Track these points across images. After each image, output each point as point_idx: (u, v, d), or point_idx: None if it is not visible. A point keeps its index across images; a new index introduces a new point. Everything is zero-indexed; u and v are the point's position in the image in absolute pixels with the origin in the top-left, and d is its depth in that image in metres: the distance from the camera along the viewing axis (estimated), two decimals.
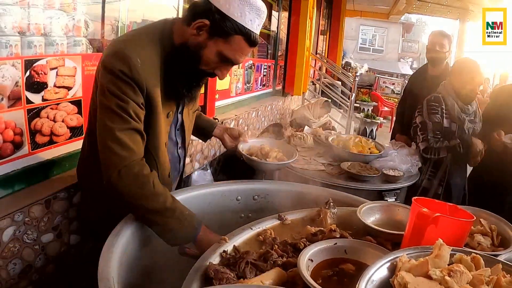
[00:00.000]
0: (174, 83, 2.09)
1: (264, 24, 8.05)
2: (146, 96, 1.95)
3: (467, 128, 3.87)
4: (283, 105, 8.89)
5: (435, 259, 1.18)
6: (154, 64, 2.00)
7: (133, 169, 1.86)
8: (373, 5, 18.90)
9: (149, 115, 2.01)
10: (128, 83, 1.88)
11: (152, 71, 1.97)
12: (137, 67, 1.88)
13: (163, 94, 2.05)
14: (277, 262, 1.48)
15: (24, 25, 2.45)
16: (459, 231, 1.54)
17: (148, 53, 1.99)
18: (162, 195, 1.87)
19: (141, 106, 1.94)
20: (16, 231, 2.32)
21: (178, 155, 2.39)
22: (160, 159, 2.14)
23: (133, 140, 1.90)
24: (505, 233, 1.91)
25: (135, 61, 1.89)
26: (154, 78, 1.98)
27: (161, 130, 2.10)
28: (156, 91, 2.00)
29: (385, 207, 2.05)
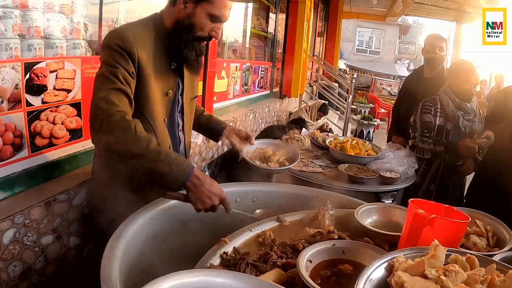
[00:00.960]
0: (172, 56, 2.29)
1: (262, 27, 8.12)
2: (138, 67, 2.11)
3: (463, 125, 3.88)
4: (280, 107, 8.91)
5: (431, 259, 1.20)
6: (147, 43, 2.18)
7: (114, 117, 1.94)
8: (370, 7, 18.90)
9: (143, 87, 2.17)
10: (120, 53, 2.06)
11: (144, 48, 2.15)
12: (130, 40, 2.07)
13: (157, 71, 2.22)
14: (276, 263, 1.50)
15: (24, 28, 2.46)
16: (454, 232, 1.56)
17: (141, 33, 2.18)
18: (145, 139, 1.94)
19: (131, 74, 2.09)
20: (16, 233, 2.33)
21: (178, 136, 2.49)
22: (158, 130, 2.27)
23: (118, 98, 2.01)
24: (500, 234, 1.94)
25: (128, 36, 2.08)
26: (146, 54, 2.15)
27: (156, 103, 2.24)
28: (149, 65, 2.16)
29: (382, 208, 2.07)
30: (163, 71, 2.27)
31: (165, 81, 2.29)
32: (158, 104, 2.26)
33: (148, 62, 2.16)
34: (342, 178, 3.26)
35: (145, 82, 2.17)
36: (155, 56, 2.21)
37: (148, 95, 2.19)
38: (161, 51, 2.25)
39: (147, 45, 2.18)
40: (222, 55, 6.18)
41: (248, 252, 1.54)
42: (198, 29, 2.21)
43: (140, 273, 1.71)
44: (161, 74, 2.26)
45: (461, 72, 3.91)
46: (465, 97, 3.91)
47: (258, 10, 8.25)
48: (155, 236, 1.90)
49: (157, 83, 2.24)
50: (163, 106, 2.30)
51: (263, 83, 8.23)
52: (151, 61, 2.19)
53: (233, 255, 1.57)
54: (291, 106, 9.87)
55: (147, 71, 2.16)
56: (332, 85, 12.76)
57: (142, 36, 2.18)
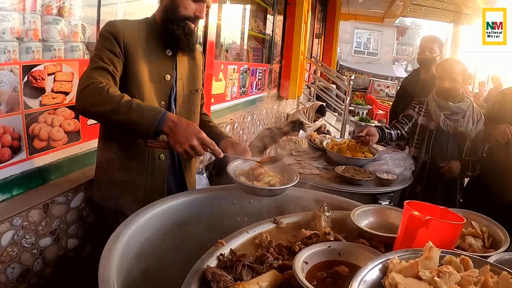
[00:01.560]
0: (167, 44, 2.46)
1: (259, 29, 8.14)
2: (125, 48, 2.28)
3: (445, 125, 3.79)
4: (278, 108, 8.93)
5: (425, 261, 1.21)
6: (136, 30, 2.38)
7: (91, 85, 2.10)
8: (368, 9, 18.94)
9: (132, 68, 2.31)
10: (107, 37, 2.26)
11: (133, 34, 2.34)
12: (116, 25, 2.30)
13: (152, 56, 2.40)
14: (273, 265, 1.51)
15: (22, 30, 2.47)
16: (449, 233, 1.57)
17: (132, 23, 2.42)
18: (117, 96, 2.08)
19: (116, 55, 2.25)
20: (15, 235, 2.34)
21: None
22: None
23: (98, 73, 2.16)
24: (496, 235, 1.94)
25: (115, 22, 2.34)
26: (136, 39, 2.34)
27: (149, 85, 2.38)
28: (139, 49, 2.34)
29: (378, 210, 2.08)
30: (159, 57, 2.44)
31: (162, 66, 2.45)
32: (153, 86, 2.41)
33: (138, 46, 2.33)
34: (339, 180, 3.26)
35: (135, 64, 2.32)
36: (147, 43, 2.40)
37: (139, 77, 2.33)
38: (155, 41, 2.44)
39: (137, 32, 2.37)
40: (220, 57, 6.19)
41: (245, 254, 1.54)
42: (182, 9, 2.36)
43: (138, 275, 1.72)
44: (157, 59, 2.43)
45: (444, 70, 3.82)
46: (451, 97, 3.79)
47: (255, 12, 8.27)
48: (153, 238, 1.91)
49: (152, 67, 2.40)
50: (161, 89, 2.45)
51: (261, 85, 8.25)
52: (142, 46, 2.36)
53: (230, 256, 1.57)
54: (289, 107, 9.89)
55: (137, 54, 2.33)
56: (330, 86, 12.78)
57: (132, 25, 2.40)
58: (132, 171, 2.43)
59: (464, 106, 3.81)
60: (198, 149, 2.03)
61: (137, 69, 2.33)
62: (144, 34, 2.41)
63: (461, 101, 3.83)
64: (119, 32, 2.27)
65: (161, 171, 2.49)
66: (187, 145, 2.01)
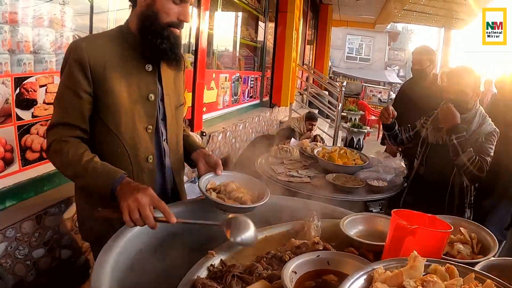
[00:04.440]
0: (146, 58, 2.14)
1: (251, 37, 8.17)
2: (93, 75, 2.00)
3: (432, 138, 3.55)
4: (270, 116, 8.96)
5: (410, 270, 1.23)
6: (109, 50, 2.07)
7: (52, 146, 1.99)
8: (359, 15, 19.04)
9: (105, 96, 2.04)
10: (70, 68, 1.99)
11: (104, 55, 2.03)
12: (82, 50, 1.98)
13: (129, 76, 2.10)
14: (262, 275, 1.52)
15: (14, 43, 2.49)
16: (436, 241, 1.60)
17: (102, 41, 2.10)
18: (76, 158, 1.92)
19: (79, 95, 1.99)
20: (8, 246, 2.35)
21: (163, 147, 2.30)
22: (139, 139, 2.15)
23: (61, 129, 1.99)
24: (485, 241, 1.96)
25: (83, 45, 2.00)
26: (107, 61, 2.03)
27: (130, 110, 2.10)
28: (112, 72, 2.04)
29: (368, 218, 2.10)
30: (138, 75, 2.14)
31: (143, 85, 2.15)
32: (136, 111, 2.12)
33: (109, 68, 2.04)
34: (330, 187, 3.28)
35: (108, 91, 2.04)
36: (122, 61, 2.09)
37: (114, 105, 2.06)
38: (132, 56, 2.12)
39: (108, 51, 2.07)
40: (212, 65, 6.21)
41: (234, 264, 1.56)
42: (164, 15, 2.05)
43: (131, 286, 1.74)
44: (136, 78, 2.13)
45: (450, 81, 3.45)
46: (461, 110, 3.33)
47: (247, 20, 8.31)
48: (145, 249, 1.91)
49: (131, 88, 2.11)
50: (145, 113, 2.16)
51: (253, 92, 8.29)
52: (116, 67, 2.06)
53: (220, 267, 1.59)
54: (281, 115, 9.92)
55: (110, 78, 2.04)
56: (322, 93, 12.81)
57: (101, 43, 2.10)
58: None
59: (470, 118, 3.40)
60: (150, 219, 1.76)
61: (111, 95, 2.06)
62: (116, 51, 2.11)
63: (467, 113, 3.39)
64: (83, 58, 1.99)
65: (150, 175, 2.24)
66: (135, 212, 1.75)
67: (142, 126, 2.15)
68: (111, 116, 2.07)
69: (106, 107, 2.05)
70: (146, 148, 2.17)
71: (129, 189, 1.81)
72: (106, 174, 1.89)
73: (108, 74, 2.03)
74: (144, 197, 1.76)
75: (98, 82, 2.01)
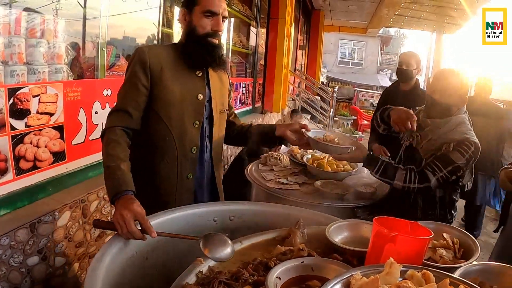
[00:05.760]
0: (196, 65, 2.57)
1: (243, 44, 8.20)
2: (151, 73, 2.44)
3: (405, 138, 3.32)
4: (262, 122, 8.98)
5: (386, 276, 1.28)
6: (166, 56, 2.52)
7: (106, 134, 2.34)
8: (351, 20, 19.09)
9: (160, 92, 2.47)
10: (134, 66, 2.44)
11: (161, 59, 2.48)
12: (144, 52, 2.44)
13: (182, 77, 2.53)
14: (248, 281, 1.56)
15: (7, 54, 2.53)
16: (416, 248, 1.63)
17: (160, 50, 2.57)
18: (108, 158, 2.22)
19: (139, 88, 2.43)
20: (3, 255, 2.38)
21: (205, 143, 2.68)
22: (186, 132, 2.55)
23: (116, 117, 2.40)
24: (467, 246, 1.98)
25: (146, 49, 2.47)
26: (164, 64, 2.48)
27: (180, 106, 2.51)
28: (167, 73, 2.48)
29: (353, 225, 2.13)
30: (189, 78, 2.56)
31: (193, 86, 2.56)
32: (185, 107, 2.52)
33: (165, 70, 2.47)
34: (318, 194, 3.30)
35: (163, 87, 2.46)
36: (176, 66, 2.52)
37: (167, 99, 2.47)
38: (184, 63, 2.55)
39: (165, 57, 2.51)
40: None
41: (221, 271, 1.61)
42: (200, 29, 2.48)
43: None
44: (187, 80, 2.55)
45: (437, 80, 3.14)
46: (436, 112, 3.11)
47: (239, 27, 8.35)
48: (137, 256, 1.95)
49: (183, 88, 2.52)
50: (193, 109, 2.56)
51: (245, 99, 8.31)
52: (170, 70, 2.49)
53: (208, 273, 1.64)
54: (273, 121, 9.95)
55: (165, 78, 2.46)
56: (314, 98, 12.86)
57: (159, 50, 2.54)
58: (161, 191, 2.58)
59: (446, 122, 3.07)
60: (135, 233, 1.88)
61: (165, 91, 2.47)
62: (171, 58, 2.53)
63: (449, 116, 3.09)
64: (145, 57, 2.43)
65: (187, 190, 2.62)
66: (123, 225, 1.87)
67: (190, 121, 2.56)
68: (164, 109, 2.49)
69: (161, 101, 2.47)
70: (191, 140, 2.57)
71: (120, 205, 1.97)
72: (116, 185, 2.09)
73: (164, 74, 2.46)
74: (128, 213, 1.90)
75: (155, 79, 2.45)
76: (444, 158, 2.93)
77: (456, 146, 2.92)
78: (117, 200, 2.01)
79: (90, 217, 3.09)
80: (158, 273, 2.00)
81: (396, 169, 3.00)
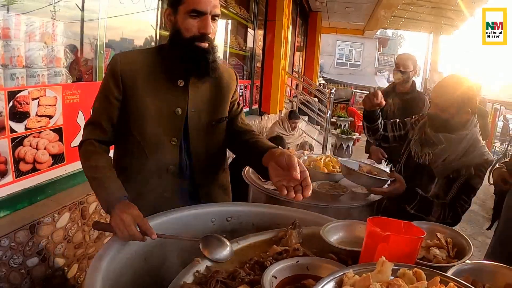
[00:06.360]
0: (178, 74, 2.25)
1: (240, 46, 8.23)
2: (124, 85, 2.20)
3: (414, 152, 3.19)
4: (260, 124, 9.00)
5: (377, 274, 1.30)
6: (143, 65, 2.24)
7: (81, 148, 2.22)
8: (348, 22, 19.13)
9: (133, 107, 2.22)
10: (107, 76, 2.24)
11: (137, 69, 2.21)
12: (117, 61, 2.20)
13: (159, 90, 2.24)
14: (244, 280, 1.59)
15: (7, 57, 2.56)
16: (409, 247, 1.65)
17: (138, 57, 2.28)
18: (94, 168, 2.10)
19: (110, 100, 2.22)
20: (3, 256, 2.41)
21: (185, 159, 2.39)
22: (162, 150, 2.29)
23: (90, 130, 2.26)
24: (461, 246, 2.00)
25: (119, 57, 2.23)
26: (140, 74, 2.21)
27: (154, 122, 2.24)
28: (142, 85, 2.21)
29: (348, 225, 2.15)
30: (169, 89, 2.25)
31: (171, 99, 2.26)
32: (162, 123, 2.26)
33: (141, 82, 2.21)
34: (314, 195, 3.29)
35: (137, 101, 2.21)
36: (155, 75, 2.24)
37: (141, 115, 2.22)
38: (165, 72, 2.25)
39: (142, 66, 2.23)
40: None
41: (218, 270, 1.63)
42: (185, 31, 2.15)
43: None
44: (167, 92, 2.25)
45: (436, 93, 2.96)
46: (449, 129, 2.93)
47: (236, 29, 8.38)
48: (136, 257, 1.96)
49: (161, 101, 2.24)
50: (171, 126, 2.28)
51: (242, 101, 8.33)
52: (147, 80, 2.22)
53: (205, 273, 1.66)
54: (271, 122, 9.99)
55: (140, 90, 2.20)
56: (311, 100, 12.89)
57: (136, 58, 2.27)
58: None
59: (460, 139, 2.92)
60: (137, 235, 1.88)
61: (139, 105, 2.22)
62: (149, 66, 2.25)
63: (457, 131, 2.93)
64: (117, 68, 2.19)
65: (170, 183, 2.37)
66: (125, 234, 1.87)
67: (167, 138, 2.28)
68: (137, 125, 2.24)
69: (133, 116, 2.23)
70: (169, 159, 2.31)
71: (119, 210, 1.91)
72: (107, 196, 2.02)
73: (139, 85, 2.20)
74: (128, 217, 1.88)
75: (129, 92, 2.21)
76: (468, 189, 2.88)
77: (476, 170, 2.85)
78: (113, 209, 1.93)
79: (89, 218, 3.12)
80: (156, 273, 2.01)
81: (431, 205, 2.90)
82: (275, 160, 2.01)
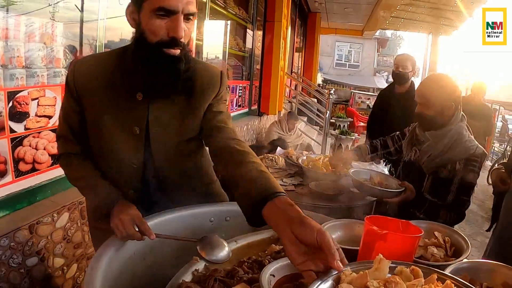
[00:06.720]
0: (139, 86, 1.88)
1: (239, 46, 8.23)
2: (79, 96, 1.92)
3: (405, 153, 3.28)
4: (259, 124, 9.00)
5: (375, 272, 1.31)
6: (101, 71, 1.90)
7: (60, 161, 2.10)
8: (347, 22, 19.13)
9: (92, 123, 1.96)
10: (66, 85, 1.98)
11: (93, 77, 1.89)
12: (72, 69, 1.93)
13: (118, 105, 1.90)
14: (242, 278, 1.60)
15: (6, 58, 2.56)
16: (406, 246, 1.66)
17: (96, 63, 1.96)
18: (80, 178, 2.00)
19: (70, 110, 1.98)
20: (2, 255, 2.41)
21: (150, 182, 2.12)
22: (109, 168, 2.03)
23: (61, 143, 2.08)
24: (458, 244, 2.02)
25: (77, 65, 1.93)
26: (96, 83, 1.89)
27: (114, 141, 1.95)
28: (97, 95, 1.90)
29: (347, 224, 2.16)
30: (127, 103, 1.90)
31: (130, 115, 1.92)
32: (123, 142, 1.95)
33: (98, 92, 1.90)
34: (313, 195, 3.35)
35: (95, 116, 1.93)
36: (114, 85, 1.88)
37: (98, 133, 1.96)
38: (126, 81, 1.88)
39: (100, 73, 1.90)
40: None
41: (217, 269, 1.63)
42: (150, 34, 1.73)
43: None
44: (125, 106, 1.90)
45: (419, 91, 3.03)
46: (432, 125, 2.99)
47: (235, 30, 8.38)
48: (135, 256, 1.96)
49: (120, 117, 1.92)
50: (132, 146, 1.96)
51: (241, 101, 8.35)
52: (105, 91, 1.89)
53: (204, 271, 1.66)
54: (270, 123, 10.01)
55: (97, 102, 1.90)
56: (311, 101, 12.89)
57: (94, 64, 1.95)
58: None
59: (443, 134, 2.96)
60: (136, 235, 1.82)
61: (94, 120, 1.94)
62: (109, 73, 1.90)
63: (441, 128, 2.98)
64: (71, 81, 1.91)
65: None
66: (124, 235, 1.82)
67: (127, 159, 2.00)
68: (96, 144, 2.00)
69: (92, 133, 1.98)
70: (130, 182, 2.05)
71: (118, 211, 1.85)
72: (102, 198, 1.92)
73: (96, 98, 1.91)
74: (126, 217, 1.82)
75: (85, 104, 1.94)
76: (465, 187, 2.90)
77: (466, 165, 2.87)
78: (112, 210, 1.85)
79: None
80: (155, 272, 2.01)
81: (439, 210, 2.90)
82: (297, 233, 1.37)
